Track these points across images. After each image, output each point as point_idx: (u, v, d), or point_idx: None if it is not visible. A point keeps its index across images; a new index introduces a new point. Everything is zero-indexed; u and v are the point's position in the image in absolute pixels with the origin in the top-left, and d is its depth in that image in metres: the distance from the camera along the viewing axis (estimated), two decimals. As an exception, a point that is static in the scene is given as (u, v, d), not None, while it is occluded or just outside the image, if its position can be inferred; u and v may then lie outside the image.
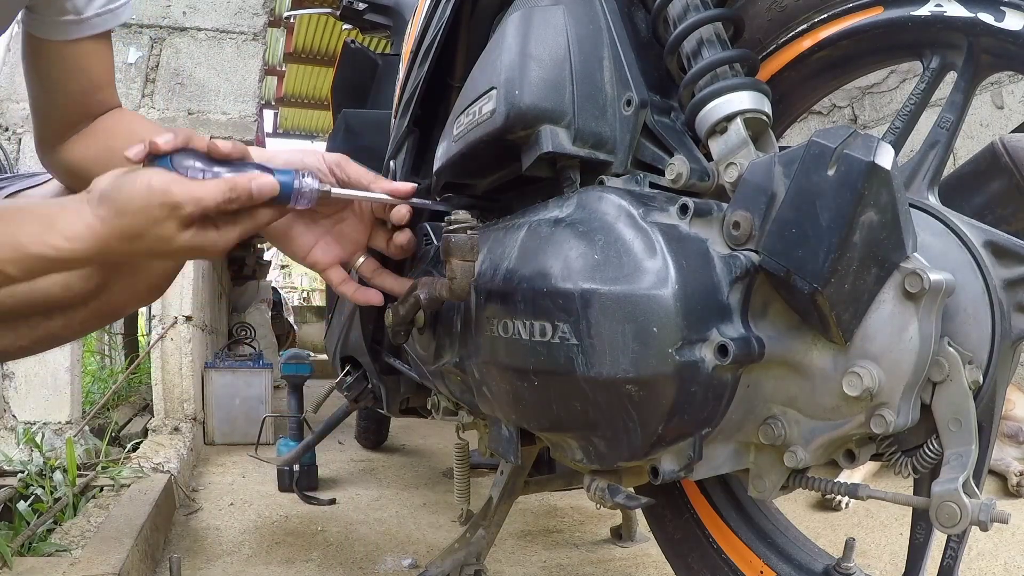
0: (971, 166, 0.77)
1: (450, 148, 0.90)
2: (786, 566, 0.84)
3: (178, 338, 2.61)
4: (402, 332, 0.95)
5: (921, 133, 0.68)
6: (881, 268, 0.58)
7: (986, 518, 0.57)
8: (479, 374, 0.83)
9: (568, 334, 0.66)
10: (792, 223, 0.59)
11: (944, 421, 0.60)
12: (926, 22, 0.65)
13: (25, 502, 1.58)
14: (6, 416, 2.32)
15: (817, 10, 0.73)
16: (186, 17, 2.70)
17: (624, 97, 0.75)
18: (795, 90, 0.80)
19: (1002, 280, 0.61)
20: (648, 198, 0.68)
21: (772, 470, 0.68)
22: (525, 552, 1.61)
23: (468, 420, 1.13)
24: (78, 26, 0.91)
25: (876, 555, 1.56)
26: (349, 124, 1.61)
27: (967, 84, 0.66)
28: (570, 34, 0.77)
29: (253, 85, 2.75)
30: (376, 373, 1.31)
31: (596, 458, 0.71)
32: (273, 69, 7.17)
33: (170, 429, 2.54)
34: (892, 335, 0.58)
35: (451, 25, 0.96)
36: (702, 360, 0.61)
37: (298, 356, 2.31)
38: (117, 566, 1.21)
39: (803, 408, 0.64)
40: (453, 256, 0.76)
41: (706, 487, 0.93)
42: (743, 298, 0.63)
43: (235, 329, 4.46)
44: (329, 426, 1.95)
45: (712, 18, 0.72)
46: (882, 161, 0.55)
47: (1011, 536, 1.60)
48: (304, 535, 1.74)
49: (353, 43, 1.96)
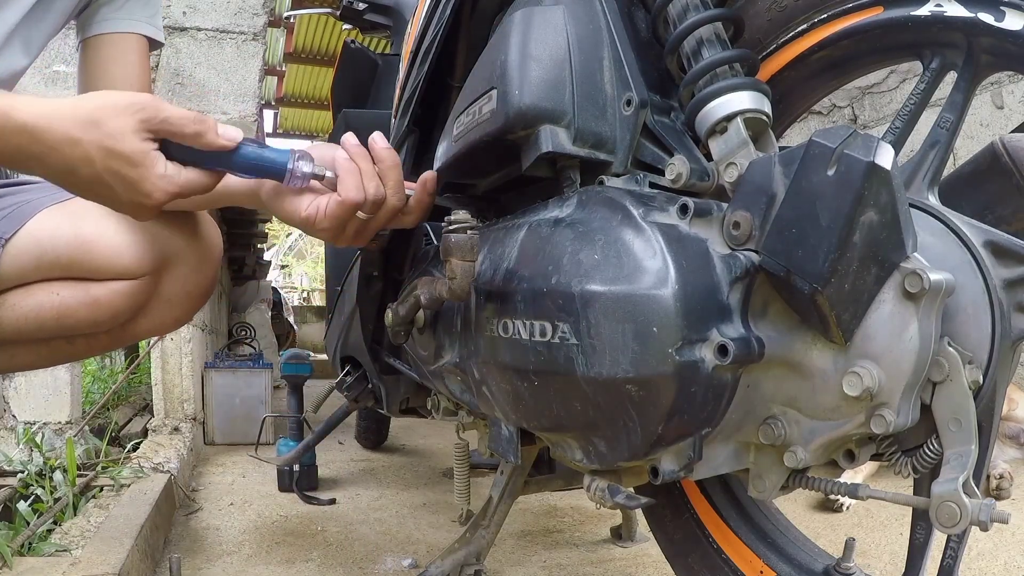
0: (971, 166, 0.77)
1: (450, 148, 0.90)
2: (786, 566, 0.84)
3: (178, 338, 2.61)
4: (402, 332, 0.95)
5: (921, 133, 0.68)
6: (881, 268, 0.58)
7: (986, 518, 0.57)
8: (479, 374, 0.83)
9: (568, 334, 0.66)
10: (792, 223, 0.59)
11: (944, 421, 0.60)
12: (926, 22, 0.65)
13: (25, 502, 1.58)
14: (6, 416, 2.32)
15: (817, 10, 0.73)
16: (186, 17, 2.70)
17: (624, 97, 0.75)
18: (795, 90, 0.80)
19: (1002, 280, 0.61)
20: (648, 198, 0.68)
21: (772, 470, 0.68)
22: (525, 552, 1.61)
23: (468, 420, 1.13)
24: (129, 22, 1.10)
25: (876, 555, 1.56)
26: (349, 124, 1.61)
27: (967, 84, 0.66)
28: (570, 34, 0.77)
29: (253, 85, 2.74)
30: (376, 373, 1.31)
31: (596, 458, 0.71)
32: (273, 69, 7.17)
33: (170, 429, 2.54)
34: (892, 335, 0.58)
35: (451, 25, 0.96)
36: (702, 360, 0.61)
37: (298, 356, 2.30)
38: (117, 566, 1.21)
39: (803, 408, 0.64)
40: (453, 256, 0.76)
41: (706, 487, 0.93)
42: (743, 298, 0.63)
43: (235, 329, 4.46)
44: (329, 426, 1.95)
45: (712, 18, 0.72)
46: (882, 161, 0.55)
47: (1011, 536, 1.60)
48: (304, 535, 1.74)
49: (353, 43, 1.96)
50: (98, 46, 1.09)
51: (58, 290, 0.92)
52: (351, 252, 1.31)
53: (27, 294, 0.92)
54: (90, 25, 1.09)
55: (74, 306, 0.92)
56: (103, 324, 0.95)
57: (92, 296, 0.92)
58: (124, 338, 1.01)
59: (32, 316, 0.92)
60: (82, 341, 0.98)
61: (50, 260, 0.92)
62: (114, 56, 1.09)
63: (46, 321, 0.92)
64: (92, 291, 0.93)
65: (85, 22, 1.10)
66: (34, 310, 0.92)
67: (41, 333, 0.94)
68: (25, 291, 0.92)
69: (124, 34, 1.10)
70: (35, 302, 0.92)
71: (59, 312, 0.92)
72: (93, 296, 0.92)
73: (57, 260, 0.92)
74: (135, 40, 1.11)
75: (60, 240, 0.90)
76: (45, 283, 0.93)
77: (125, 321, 0.96)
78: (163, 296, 0.97)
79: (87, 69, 1.11)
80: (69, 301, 0.92)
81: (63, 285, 0.93)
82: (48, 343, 0.97)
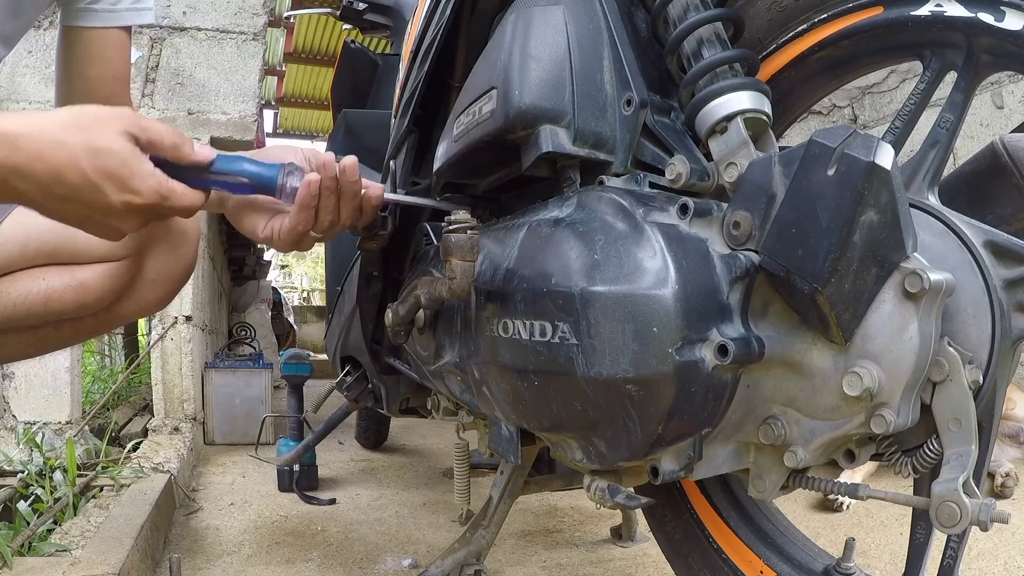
0: (971, 166, 0.77)
1: (450, 148, 0.90)
2: (786, 566, 0.84)
3: (178, 338, 2.61)
4: (402, 332, 0.95)
5: (921, 133, 0.68)
6: (881, 268, 0.58)
7: (986, 518, 0.57)
8: (479, 374, 0.83)
9: (568, 334, 0.66)
10: (792, 223, 0.59)
11: (944, 421, 0.60)
12: (926, 22, 0.65)
13: (25, 502, 1.58)
14: (6, 416, 2.32)
15: (817, 10, 0.73)
16: (186, 17, 2.70)
17: (624, 97, 0.75)
18: (795, 90, 0.80)
19: (1002, 280, 0.61)
20: (648, 198, 0.68)
21: (772, 470, 0.68)
22: (525, 552, 1.61)
23: (468, 420, 1.13)
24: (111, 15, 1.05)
25: (876, 555, 1.56)
26: (349, 124, 1.61)
27: (967, 84, 0.66)
28: (570, 34, 0.77)
29: (253, 85, 2.74)
30: (376, 373, 1.31)
31: (596, 458, 0.71)
32: (273, 69, 7.17)
33: (170, 429, 2.54)
34: (892, 335, 0.58)
35: (451, 25, 0.96)
36: (702, 360, 0.61)
37: (298, 356, 2.30)
38: (117, 566, 1.21)
39: (803, 408, 0.64)
40: (453, 256, 0.76)
41: (706, 487, 0.93)
42: (743, 298, 0.63)
43: (235, 329, 4.47)
44: (329, 426, 1.95)
45: (712, 18, 0.72)
46: (882, 161, 0.55)
47: (1011, 536, 1.60)
48: (304, 535, 1.74)
49: (353, 43, 1.96)
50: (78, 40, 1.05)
51: (44, 275, 0.94)
52: (351, 252, 1.31)
53: (14, 281, 0.94)
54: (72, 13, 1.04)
55: (61, 290, 0.94)
56: (89, 307, 0.96)
57: (78, 280, 0.95)
58: (110, 321, 1.03)
59: (20, 302, 0.93)
60: (69, 326, 1.00)
61: (35, 247, 0.93)
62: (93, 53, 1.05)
63: (34, 306, 0.94)
64: (78, 275, 0.95)
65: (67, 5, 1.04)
66: (22, 296, 0.93)
67: (30, 320, 0.95)
68: (11, 279, 0.94)
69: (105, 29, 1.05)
70: (23, 289, 0.94)
71: (47, 297, 0.94)
72: (79, 280, 0.95)
73: (42, 247, 0.93)
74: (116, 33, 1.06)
75: (44, 226, 0.91)
76: (31, 270, 0.94)
77: (110, 303, 0.98)
78: (146, 277, 0.99)
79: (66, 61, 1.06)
80: (56, 285, 0.94)
81: (48, 270, 0.95)
82: (36, 331, 0.99)
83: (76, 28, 1.04)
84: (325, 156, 0.84)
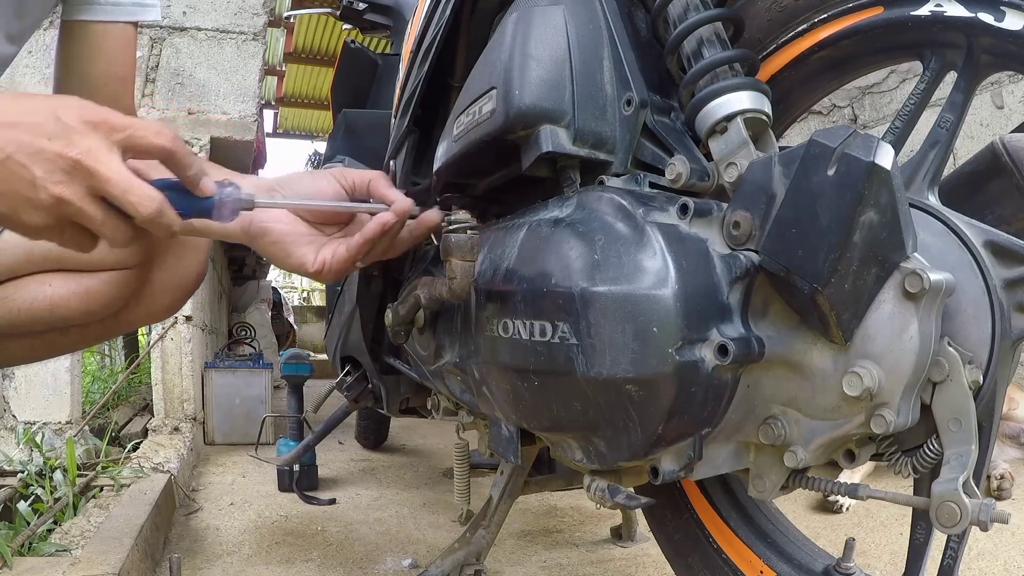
0: (971, 166, 0.77)
1: (450, 148, 0.90)
2: (786, 566, 0.84)
3: (178, 338, 2.61)
4: (402, 332, 0.95)
5: (921, 133, 0.68)
6: (881, 268, 0.58)
7: (986, 518, 0.57)
8: (479, 374, 0.83)
9: (568, 334, 0.66)
10: (792, 223, 0.59)
11: (944, 421, 0.60)
12: (926, 22, 0.65)
13: (25, 502, 1.58)
14: (6, 416, 2.32)
15: (817, 10, 0.73)
16: (186, 17, 2.70)
17: (624, 97, 0.75)
18: (795, 90, 0.80)
19: (1002, 280, 0.61)
20: (648, 198, 0.68)
21: (772, 470, 0.68)
22: (525, 552, 1.61)
23: (468, 420, 1.13)
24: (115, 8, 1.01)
25: (876, 555, 1.56)
26: (349, 124, 1.61)
27: (967, 84, 0.66)
28: (570, 34, 0.77)
29: (253, 85, 2.74)
30: (376, 373, 1.31)
31: (596, 458, 0.71)
32: (273, 69, 7.17)
33: (170, 429, 2.54)
34: (892, 335, 0.58)
35: (451, 25, 0.96)
36: (702, 360, 0.61)
37: (298, 356, 2.30)
38: (117, 566, 1.21)
39: (803, 408, 0.64)
40: (453, 256, 0.76)
41: (706, 487, 0.93)
42: (743, 298, 0.63)
43: (235, 329, 4.46)
44: (329, 426, 1.95)
45: (712, 18, 0.72)
46: (882, 161, 0.55)
47: (1011, 536, 1.60)
48: (304, 535, 1.74)
49: (353, 43, 1.96)
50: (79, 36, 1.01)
51: (50, 281, 0.93)
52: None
53: (19, 287, 0.92)
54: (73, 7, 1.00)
55: (67, 297, 0.93)
56: (96, 314, 0.95)
57: (84, 287, 0.93)
58: (117, 327, 1.01)
59: (25, 309, 0.92)
60: (76, 331, 0.99)
61: (41, 252, 0.92)
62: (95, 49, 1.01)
63: (39, 312, 0.92)
64: (84, 282, 0.93)
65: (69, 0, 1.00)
66: (27, 302, 0.92)
67: (35, 325, 0.94)
68: (17, 284, 0.92)
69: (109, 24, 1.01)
70: (28, 295, 0.92)
71: (52, 303, 0.92)
72: (85, 287, 0.93)
73: (48, 252, 0.92)
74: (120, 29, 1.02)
75: None
76: (37, 275, 0.93)
77: (117, 310, 0.96)
78: (155, 285, 0.97)
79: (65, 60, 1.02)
80: (62, 292, 0.92)
81: (55, 276, 0.93)
82: (42, 336, 0.97)
83: (78, 23, 1.00)
84: (396, 193, 0.78)
